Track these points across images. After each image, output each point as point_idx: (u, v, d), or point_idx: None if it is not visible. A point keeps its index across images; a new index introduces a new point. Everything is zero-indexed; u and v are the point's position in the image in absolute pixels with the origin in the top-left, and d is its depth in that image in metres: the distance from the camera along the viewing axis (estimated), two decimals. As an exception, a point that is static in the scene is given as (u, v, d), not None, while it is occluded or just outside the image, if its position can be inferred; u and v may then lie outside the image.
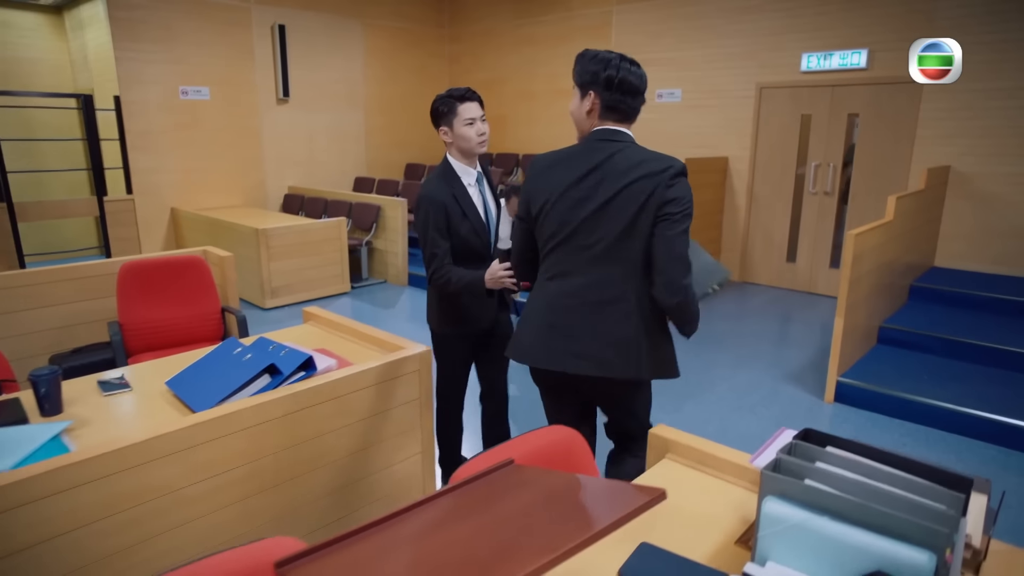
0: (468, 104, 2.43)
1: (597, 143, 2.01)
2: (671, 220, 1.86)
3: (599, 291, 1.94)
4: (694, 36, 6.81)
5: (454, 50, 9.50)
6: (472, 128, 2.43)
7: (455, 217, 2.48)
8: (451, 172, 2.51)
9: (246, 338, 2.68)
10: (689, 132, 7.00)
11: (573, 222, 1.93)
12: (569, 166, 1.99)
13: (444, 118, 2.45)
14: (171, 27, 6.85)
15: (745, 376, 4.38)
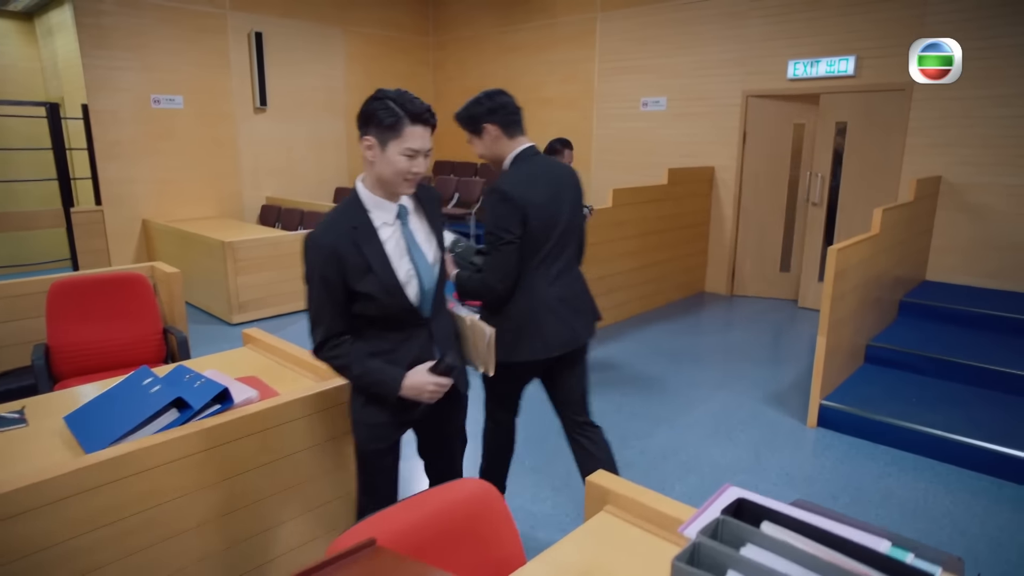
0: (419, 128, 1.68)
1: (536, 157, 2.31)
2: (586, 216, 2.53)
3: (579, 278, 2.46)
4: (679, 43, 6.63)
5: (438, 57, 9.33)
6: (410, 161, 1.69)
7: (354, 271, 1.70)
8: (357, 206, 1.75)
9: (166, 366, 2.48)
10: (674, 141, 6.81)
11: (560, 227, 2.29)
12: (545, 181, 2.28)
13: (379, 129, 1.66)
14: (142, 34, 6.68)
15: (725, 397, 4.16)
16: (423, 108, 1.68)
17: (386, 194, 1.76)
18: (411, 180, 1.72)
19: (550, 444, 3.48)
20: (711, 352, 5.07)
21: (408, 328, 1.83)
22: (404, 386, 1.78)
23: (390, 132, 1.66)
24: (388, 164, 1.68)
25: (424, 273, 1.79)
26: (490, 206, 2.23)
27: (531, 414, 3.13)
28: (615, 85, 7.25)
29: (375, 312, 1.76)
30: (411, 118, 1.65)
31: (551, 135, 8.19)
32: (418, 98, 1.69)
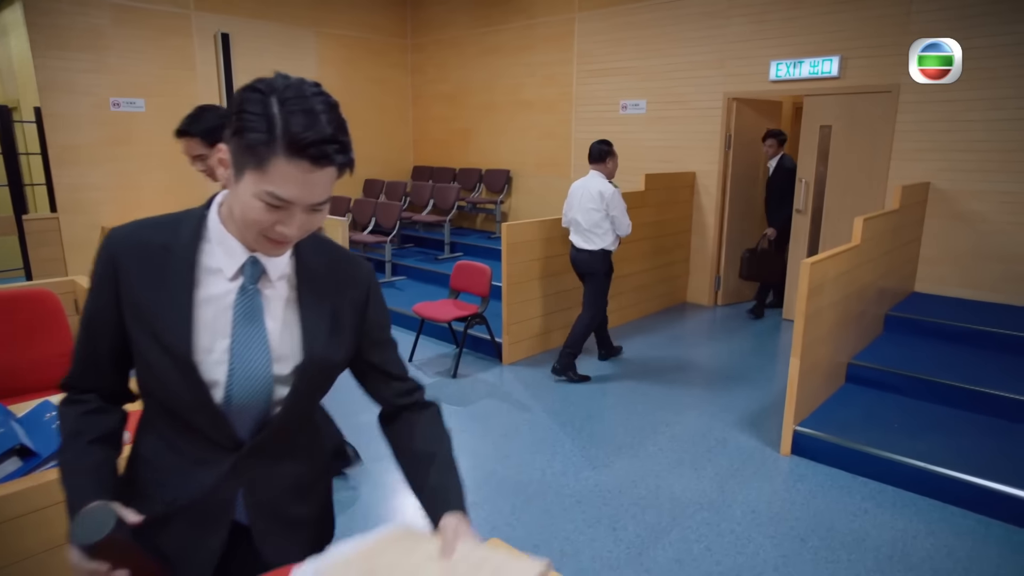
0: (302, 167, 0.92)
1: None
2: None
3: None
4: (657, 44, 6.36)
5: (416, 60, 9.07)
6: (270, 213, 0.96)
7: (132, 307, 1.04)
8: (194, 225, 1.07)
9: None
10: (654, 145, 6.54)
11: None
12: None
13: (238, 143, 0.94)
14: (100, 34, 6.41)
15: (693, 421, 3.87)
16: (323, 135, 0.91)
17: (240, 234, 1.04)
18: (274, 242, 0.99)
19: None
20: (686, 368, 4.78)
21: (203, 445, 1.08)
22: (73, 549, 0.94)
23: (249, 156, 0.92)
24: (238, 202, 0.97)
25: (248, 372, 1.04)
26: None
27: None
28: (593, 88, 6.98)
29: (157, 392, 1.07)
30: (290, 146, 0.90)
31: (531, 139, 7.98)
32: (329, 110, 0.94)
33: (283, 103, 0.92)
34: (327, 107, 0.94)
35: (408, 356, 4.93)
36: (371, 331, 1.19)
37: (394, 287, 6.76)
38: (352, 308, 1.15)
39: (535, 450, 3.49)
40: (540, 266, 4.91)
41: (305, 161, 0.91)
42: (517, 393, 4.30)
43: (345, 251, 1.19)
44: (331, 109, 0.95)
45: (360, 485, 3.15)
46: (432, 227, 8.13)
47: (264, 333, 1.06)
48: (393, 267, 7.19)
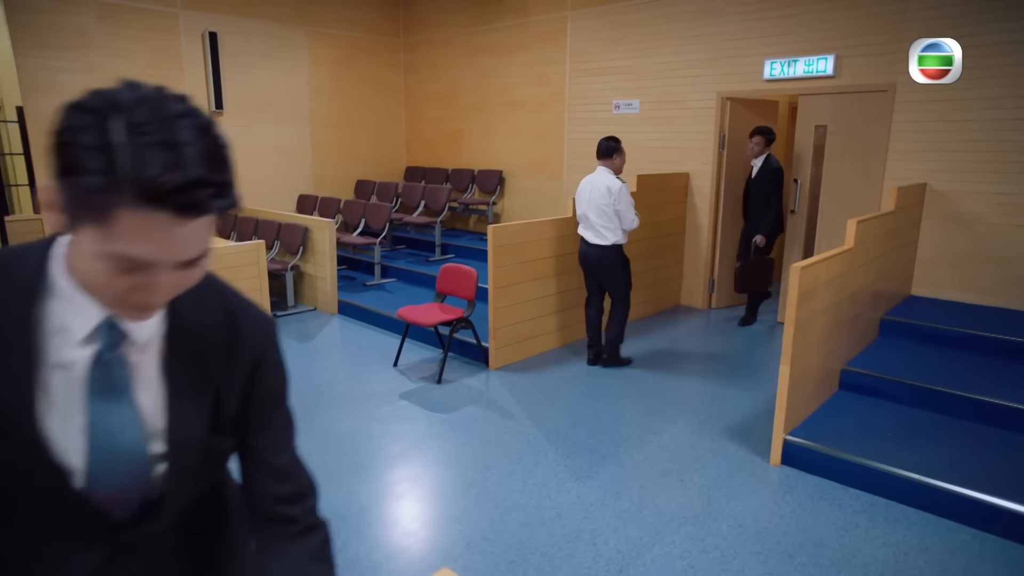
0: (161, 218, 0.67)
1: None
2: None
3: None
4: (650, 42, 6.26)
5: (409, 60, 8.97)
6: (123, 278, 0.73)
7: None
8: (33, 275, 0.82)
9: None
10: (648, 146, 6.43)
11: None
12: None
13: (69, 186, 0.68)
14: (84, 33, 6.32)
15: (682, 429, 3.76)
16: (189, 178, 0.67)
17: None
18: (137, 308, 0.77)
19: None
20: (677, 373, 4.67)
21: (62, 535, 0.90)
22: None
23: (84, 206, 0.68)
24: (80, 261, 0.77)
25: (113, 454, 0.85)
26: None
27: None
28: (586, 87, 6.88)
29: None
30: (142, 193, 0.65)
31: (524, 139, 7.87)
32: (199, 138, 0.69)
33: (132, 129, 0.65)
34: (197, 133, 0.68)
35: (393, 361, 4.83)
36: (256, 406, 0.96)
37: (383, 289, 6.66)
38: (239, 378, 0.93)
39: (517, 460, 3.39)
40: (528, 269, 4.81)
41: (166, 213, 0.66)
42: (502, 399, 4.20)
43: (240, 303, 0.95)
44: (203, 135, 0.69)
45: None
46: (424, 228, 8.03)
47: (131, 410, 0.85)
48: (383, 269, 7.08)
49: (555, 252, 4.97)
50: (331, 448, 3.51)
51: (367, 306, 5.94)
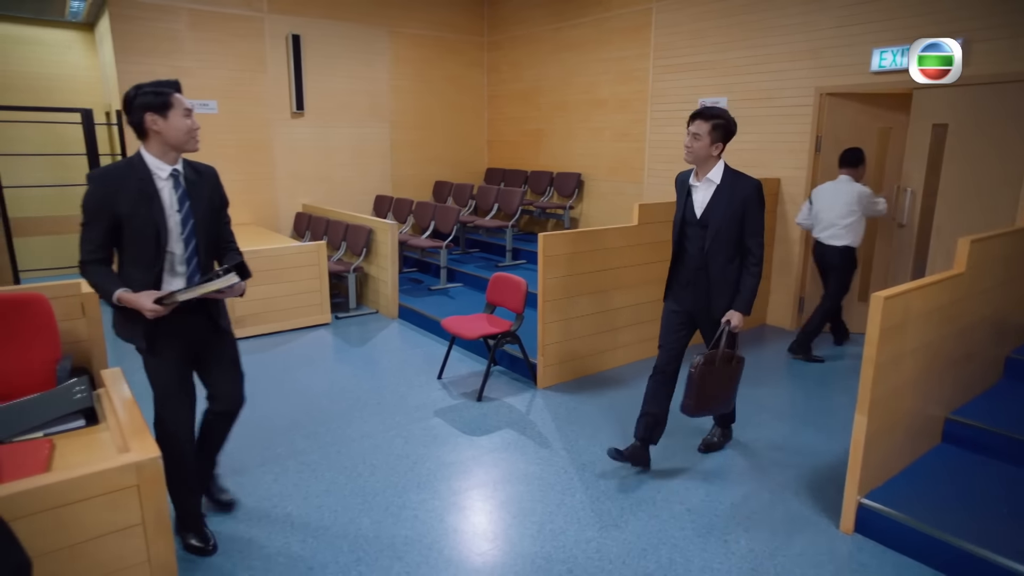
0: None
1: None
2: None
3: None
4: (741, 34, 5.65)
5: (493, 59, 8.77)
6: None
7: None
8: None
9: None
10: (733, 148, 5.77)
11: None
12: None
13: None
14: (176, 39, 6.60)
15: (738, 475, 3.25)
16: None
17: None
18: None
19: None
20: (745, 405, 4.11)
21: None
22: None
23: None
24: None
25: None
26: None
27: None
28: (670, 84, 6.36)
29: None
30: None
31: (604, 140, 7.43)
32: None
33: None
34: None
35: (438, 373, 4.61)
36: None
37: (446, 295, 6.48)
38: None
39: (539, 498, 3.03)
40: (583, 282, 4.42)
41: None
42: (542, 424, 3.85)
43: None
44: None
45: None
46: (495, 232, 7.79)
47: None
48: (450, 273, 6.91)
49: (615, 264, 4.55)
50: (348, 465, 3.32)
51: (424, 312, 5.77)
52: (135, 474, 1.83)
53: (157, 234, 2.28)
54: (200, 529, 2.63)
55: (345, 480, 3.18)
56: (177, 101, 2.29)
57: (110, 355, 3.34)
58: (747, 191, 2.93)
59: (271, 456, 3.40)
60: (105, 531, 1.81)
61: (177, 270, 2.38)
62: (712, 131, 2.91)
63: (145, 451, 1.88)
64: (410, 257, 7.56)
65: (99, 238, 2.27)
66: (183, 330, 2.43)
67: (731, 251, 2.99)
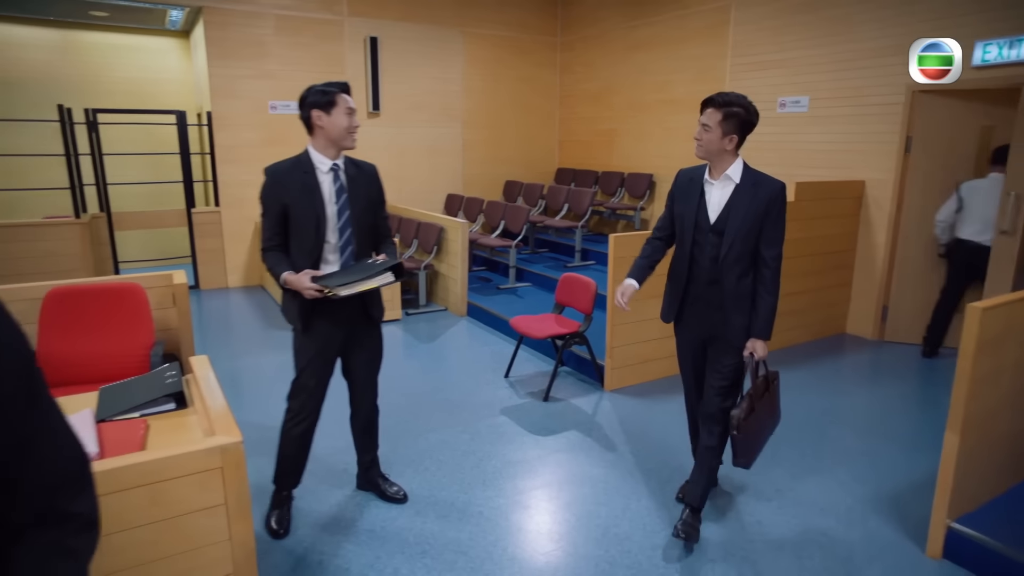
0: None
1: None
2: None
3: None
4: (826, 29, 5.42)
5: (565, 59, 8.75)
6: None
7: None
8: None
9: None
10: (814, 149, 5.60)
11: None
12: None
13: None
14: (263, 43, 6.90)
15: (816, 489, 3.12)
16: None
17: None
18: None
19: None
20: (825, 416, 3.94)
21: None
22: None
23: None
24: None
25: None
26: None
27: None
28: (748, 83, 6.16)
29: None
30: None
31: (678, 141, 7.29)
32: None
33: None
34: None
35: (505, 372, 4.64)
36: None
37: (515, 294, 6.51)
38: None
39: (604, 501, 3.01)
40: (653, 284, 4.33)
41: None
42: (609, 427, 3.81)
43: None
44: None
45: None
46: (565, 232, 7.77)
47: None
48: (518, 272, 6.94)
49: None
50: (415, 459, 3.39)
51: (493, 310, 5.81)
52: (220, 457, 1.92)
53: (316, 223, 2.47)
54: (283, 512, 2.77)
55: (412, 473, 3.24)
56: (341, 100, 2.46)
57: (197, 343, 3.53)
58: (773, 192, 2.48)
59: (340, 447, 3.51)
60: (192, 509, 1.91)
61: (329, 258, 2.55)
62: (723, 121, 2.42)
63: (229, 435, 1.97)
64: (479, 256, 7.63)
65: (272, 226, 2.51)
66: (336, 313, 2.57)
67: (747, 263, 2.55)
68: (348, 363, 2.79)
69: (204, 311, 6.33)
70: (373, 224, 2.66)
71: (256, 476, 2.79)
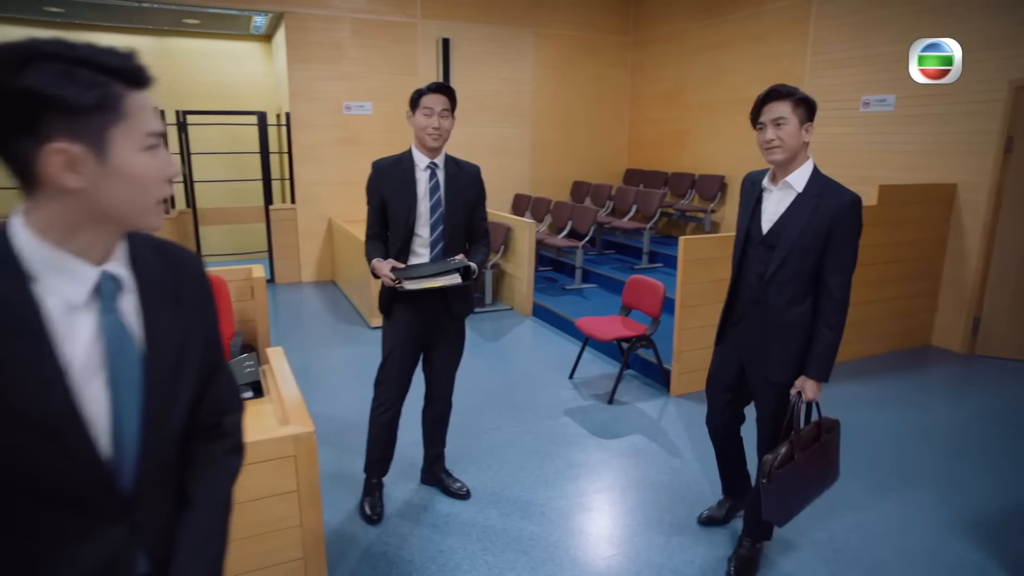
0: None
1: None
2: None
3: None
4: (915, 22, 5.13)
5: (637, 58, 8.63)
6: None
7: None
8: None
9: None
10: (900, 150, 5.31)
11: None
12: None
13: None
14: (340, 46, 7.12)
15: (893, 510, 2.96)
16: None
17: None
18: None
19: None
20: (907, 433, 3.74)
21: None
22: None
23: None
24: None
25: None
26: None
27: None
28: (828, 81, 5.91)
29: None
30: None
31: (752, 142, 7.01)
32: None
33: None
34: None
35: (569, 373, 4.62)
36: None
37: (581, 295, 6.48)
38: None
39: (667, 508, 2.95)
40: (724, 288, 4.22)
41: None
42: (674, 433, 3.74)
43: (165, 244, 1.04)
44: None
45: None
46: (632, 234, 7.67)
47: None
48: (584, 274, 6.90)
49: (760, 271, 4.31)
50: (478, 457, 3.42)
51: (558, 311, 5.81)
52: (293, 445, 2.00)
53: (407, 216, 2.58)
54: (375, 499, 2.87)
55: (476, 471, 3.28)
56: (424, 100, 2.51)
57: (272, 335, 3.68)
58: (840, 206, 2.11)
59: (407, 441, 3.58)
60: (267, 494, 1.99)
61: (419, 252, 2.64)
62: (796, 108, 2.11)
63: (303, 425, 2.04)
64: (546, 256, 7.63)
65: (373, 216, 2.67)
66: (414, 304, 2.65)
67: (801, 287, 2.18)
68: (428, 356, 2.86)
69: (279, 304, 6.60)
70: (467, 223, 2.71)
71: (325, 465, 2.88)
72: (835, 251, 2.13)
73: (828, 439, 2.30)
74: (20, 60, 0.75)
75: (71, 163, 0.79)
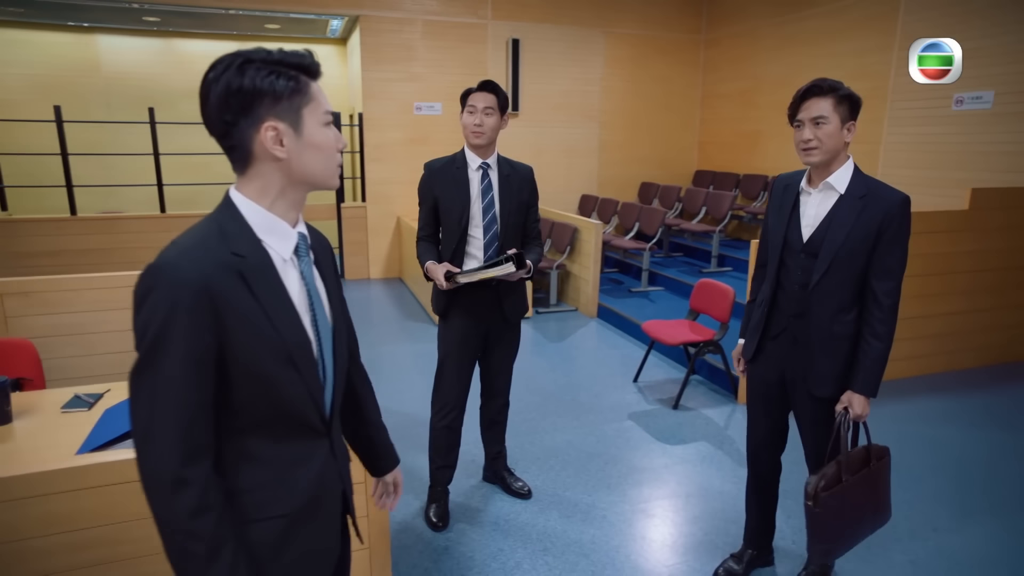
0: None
1: None
2: None
3: None
4: (1017, 12, 4.79)
5: (709, 57, 8.42)
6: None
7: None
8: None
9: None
10: (997, 151, 4.97)
11: None
12: None
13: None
14: (412, 48, 7.26)
15: (980, 531, 2.77)
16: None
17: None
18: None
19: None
20: (996, 451, 3.50)
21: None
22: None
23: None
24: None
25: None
26: None
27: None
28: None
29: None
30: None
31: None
32: None
33: None
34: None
35: (634, 376, 4.56)
36: None
37: (647, 298, 6.38)
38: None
39: (733, 519, 2.87)
40: (798, 294, 4.08)
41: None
42: (740, 441, 3.63)
43: None
44: None
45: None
46: (701, 237, 7.49)
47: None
48: (651, 276, 6.79)
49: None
50: (540, 457, 3.42)
51: (624, 313, 5.73)
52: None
53: (460, 217, 2.57)
54: (440, 507, 2.84)
55: (537, 471, 3.27)
56: (470, 99, 2.53)
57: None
58: (889, 207, 1.97)
59: (469, 439, 3.61)
60: (336, 484, 2.05)
61: (473, 253, 2.63)
62: (837, 105, 1.95)
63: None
64: (612, 257, 7.56)
65: (426, 217, 2.66)
66: (471, 308, 2.65)
67: (848, 295, 2.03)
68: (484, 355, 2.85)
69: (348, 300, 6.78)
70: (521, 224, 2.69)
71: (391, 458, 2.93)
72: (883, 255, 1.98)
73: (878, 467, 2.10)
74: (239, 66, 1.01)
75: (278, 137, 1.04)
